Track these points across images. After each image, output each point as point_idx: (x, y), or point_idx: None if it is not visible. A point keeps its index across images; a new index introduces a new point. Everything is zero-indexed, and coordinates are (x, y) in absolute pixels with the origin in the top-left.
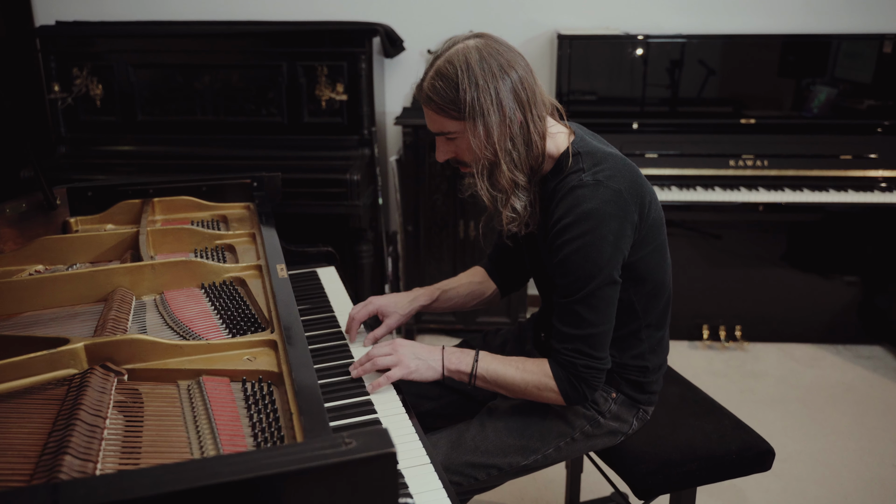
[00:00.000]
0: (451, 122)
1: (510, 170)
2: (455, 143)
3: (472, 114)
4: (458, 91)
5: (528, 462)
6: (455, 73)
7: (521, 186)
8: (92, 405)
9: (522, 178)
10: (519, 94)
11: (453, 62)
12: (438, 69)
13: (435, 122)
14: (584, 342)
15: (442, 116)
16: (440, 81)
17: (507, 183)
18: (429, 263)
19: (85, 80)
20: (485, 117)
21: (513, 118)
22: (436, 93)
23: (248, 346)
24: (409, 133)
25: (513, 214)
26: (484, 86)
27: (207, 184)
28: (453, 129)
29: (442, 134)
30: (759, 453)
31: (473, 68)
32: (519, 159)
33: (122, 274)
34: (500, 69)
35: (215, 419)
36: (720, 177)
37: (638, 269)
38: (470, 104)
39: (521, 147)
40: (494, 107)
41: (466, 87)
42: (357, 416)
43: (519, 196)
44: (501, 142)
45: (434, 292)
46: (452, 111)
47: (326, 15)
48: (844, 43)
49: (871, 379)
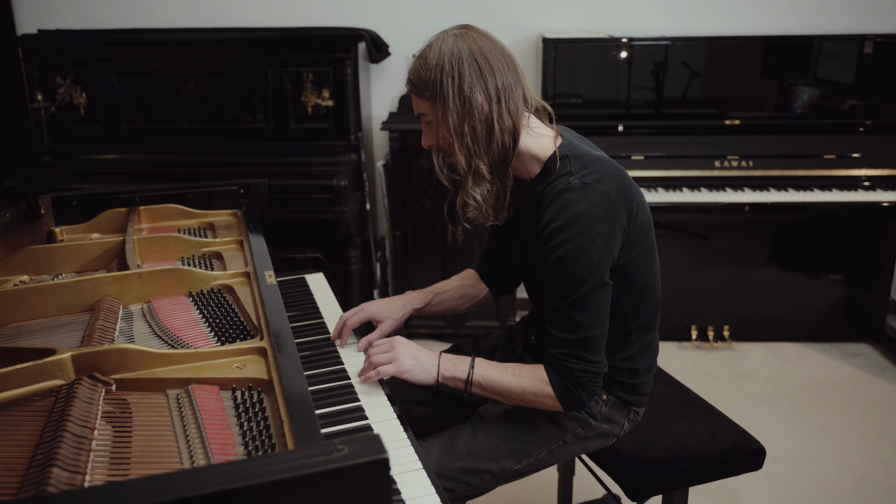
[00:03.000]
0: (423, 102)
1: (465, 155)
2: (433, 128)
3: (434, 94)
4: (428, 71)
5: (521, 466)
6: (428, 55)
7: (482, 176)
8: (79, 416)
9: (483, 168)
10: (488, 84)
11: (431, 46)
12: (420, 52)
13: (416, 102)
14: (579, 346)
15: (416, 97)
16: (417, 62)
17: (463, 167)
18: (417, 268)
19: (68, 88)
20: (444, 98)
21: (474, 105)
22: (413, 72)
23: (237, 354)
24: (396, 138)
25: (472, 202)
26: (448, 69)
27: (194, 191)
28: (425, 109)
29: (421, 115)
30: (751, 452)
31: (444, 52)
32: (478, 148)
33: (108, 283)
34: (470, 56)
35: (205, 428)
36: (706, 178)
37: (627, 272)
38: (433, 84)
39: (481, 137)
40: (455, 90)
41: (433, 66)
42: (348, 422)
43: (479, 185)
44: (458, 126)
45: (427, 295)
46: (423, 90)
47: (311, 21)
48: (826, 44)
49: (859, 376)
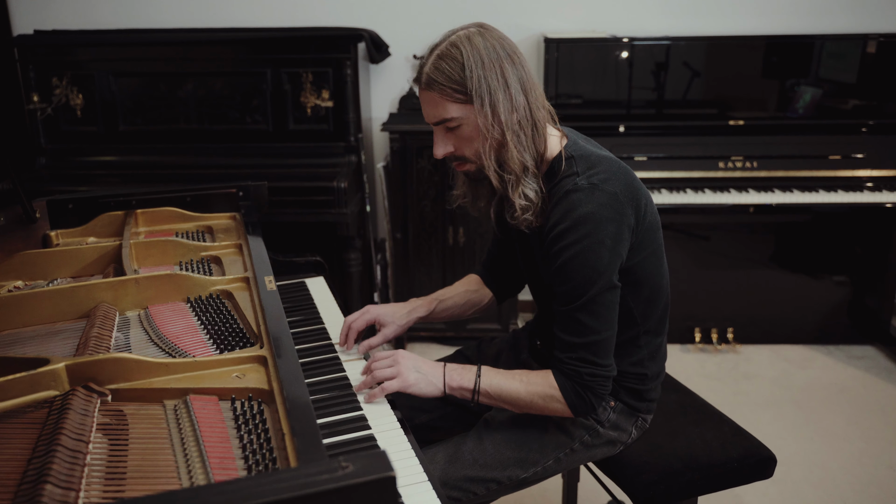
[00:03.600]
0: (454, 105)
1: (519, 151)
2: (455, 134)
3: (480, 92)
4: (463, 70)
5: (528, 475)
6: (460, 53)
7: (530, 171)
8: (74, 429)
9: (531, 162)
10: (522, 78)
11: (457, 45)
12: (442, 52)
13: (437, 107)
14: (588, 350)
15: (445, 99)
16: (445, 62)
17: (517, 164)
18: (418, 270)
19: (65, 89)
20: (491, 95)
21: (517, 99)
22: (440, 73)
23: (236, 363)
24: (397, 139)
25: (525, 202)
26: (490, 64)
27: (192, 194)
28: (456, 113)
29: (442, 122)
30: (761, 460)
31: (478, 48)
32: (526, 141)
33: (104, 289)
34: (503, 51)
35: (204, 441)
36: (709, 179)
37: (635, 274)
38: (476, 82)
39: (527, 129)
40: (500, 85)
41: (472, 65)
42: (351, 432)
43: (529, 182)
44: (509, 121)
45: (431, 303)
46: (458, 93)
47: (310, 21)
48: (828, 43)
49: (865, 379)
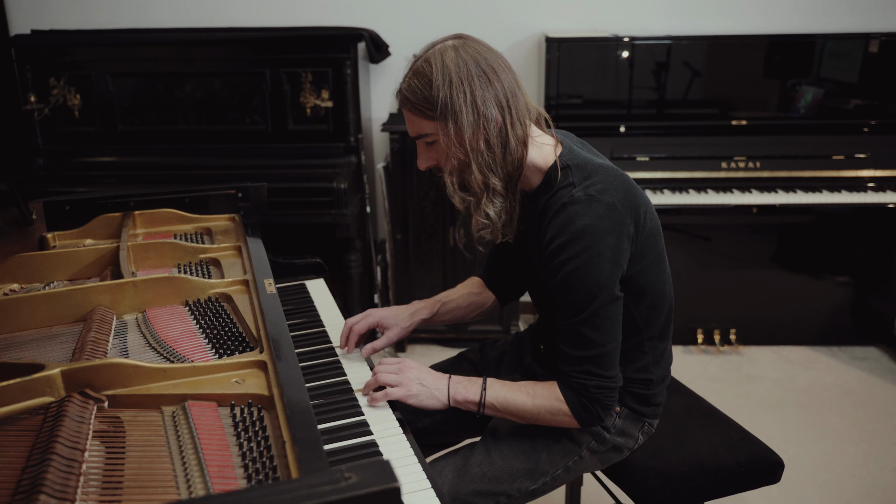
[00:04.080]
0: (426, 122)
1: (482, 172)
2: (434, 149)
3: (445, 111)
4: (430, 88)
5: (538, 486)
6: (430, 70)
7: (496, 192)
8: (69, 437)
9: (498, 183)
10: (498, 94)
11: (429, 61)
12: (416, 69)
13: (413, 123)
14: (593, 363)
15: (418, 116)
16: (416, 80)
17: (479, 186)
18: (418, 272)
19: (62, 90)
20: (457, 115)
21: (489, 118)
22: (411, 92)
23: (235, 368)
24: (397, 139)
25: (485, 220)
26: (458, 83)
27: (190, 195)
28: (429, 130)
29: (420, 137)
30: (768, 465)
31: (448, 66)
32: (493, 162)
33: (101, 292)
34: (476, 67)
35: (202, 449)
36: (712, 179)
37: (637, 283)
38: (442, 101)
39: (497, 149)
40: (468, 105)
41: (440, 83)
42: (352, 437)
43: (493, 202)
44: (474, 142)
45: (434, 305)
46: (427, 110)
47: (310, 21)
48: (829, 42)
49: (868, 381)
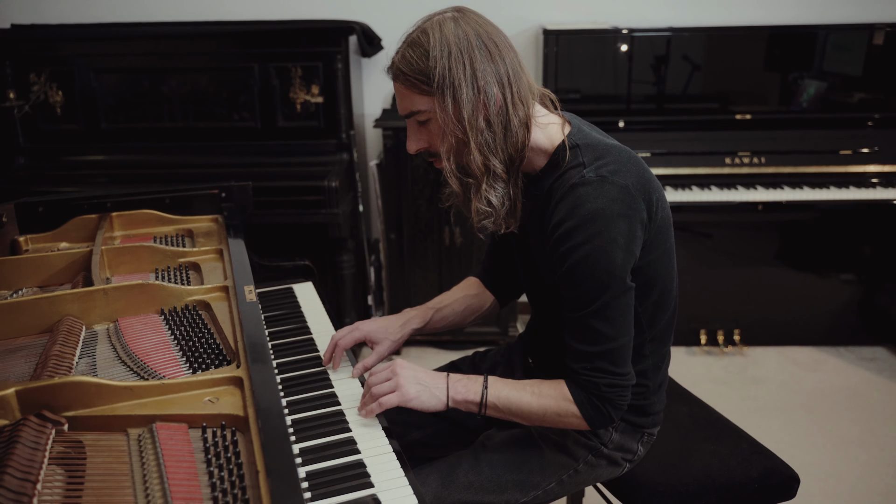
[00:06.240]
0: (420, 98)
1: (482, 152)
2: (427, 129)
3: (442, 85)
4: (428, 59)
5: (528, 499)
6: (427, 40)
7: (497, 176)
8: (20, 466)
9: (499, 166)
10: (499, 71)
11: (427, 31)
12: (411, 40)
13: (405, 99)
14: (604, 359)
15: (411, 91)
16: (411, 51)
17: (478, 167)
18: (413, 272)
19: (43, 86)
20: (455, 90)
21: (489, 95)
22: (405, 63)
23: (209, 385)
24: (390, 136)
25: (487, 208)
26: (457, 54)
27: (171, 195)
28: (422, 106)
29: (412, 115)
30: (783, 480)
31: (447, 36)
32: (494, 143)
33: (69, 301)
34: (478, 39)
35: (168, 479)
36: (715, 175)
37: (645, 275)
38: (440, 74)
39: (497, 129)
40: (468, 79)
41: (438, 54)
42: (338, 457)
43: (495, 187)
44: (473, 119)
45: (427, 312)
46: (423, 83)
47: (300, 14)
48: (832, 34)
49: (877, 382)
